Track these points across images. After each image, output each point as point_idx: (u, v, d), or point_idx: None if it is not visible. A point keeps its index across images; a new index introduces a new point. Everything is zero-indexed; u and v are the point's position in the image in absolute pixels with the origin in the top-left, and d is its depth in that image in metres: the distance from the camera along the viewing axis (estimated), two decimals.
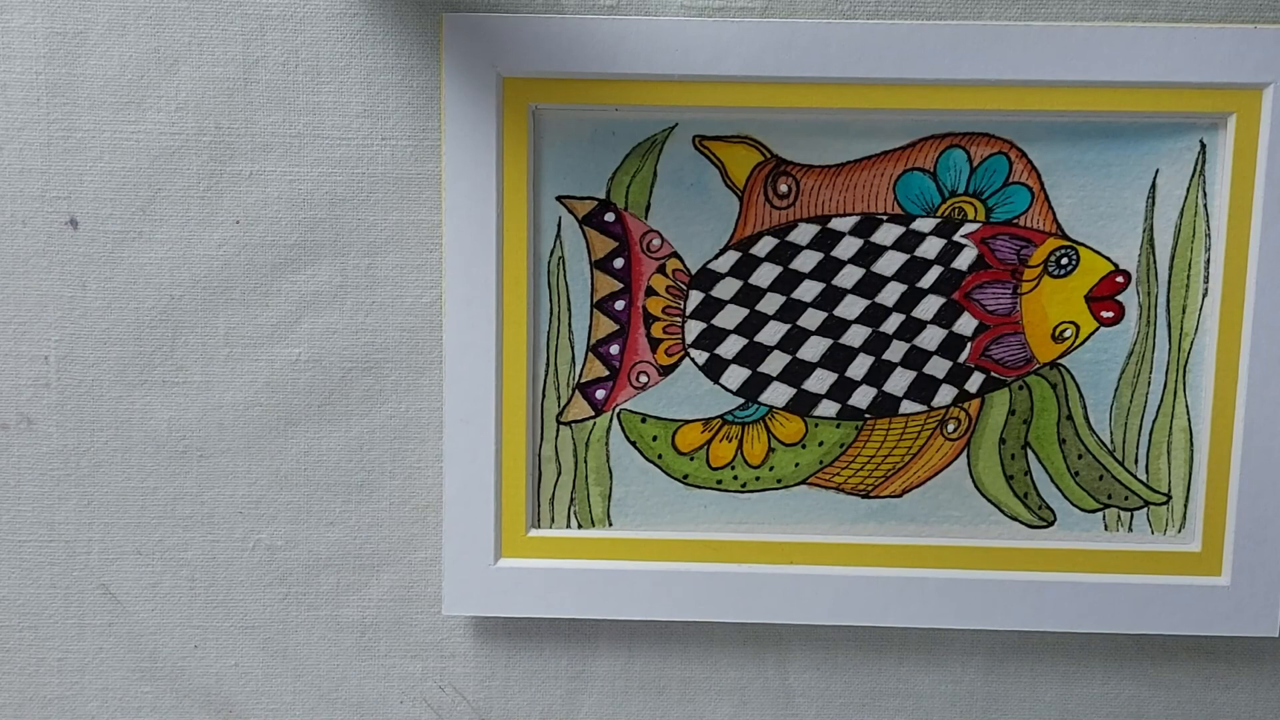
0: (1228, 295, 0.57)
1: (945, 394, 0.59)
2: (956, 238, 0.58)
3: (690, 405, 0.60)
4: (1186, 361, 0.58)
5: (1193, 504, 0.59)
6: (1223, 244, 0.57)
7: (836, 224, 0.58)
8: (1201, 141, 0.57)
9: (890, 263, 0.58)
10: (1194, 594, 0.59)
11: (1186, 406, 0.59)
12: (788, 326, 0.59)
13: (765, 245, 0.58)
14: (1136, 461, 0.59)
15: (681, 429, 0.60)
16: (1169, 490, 0.59)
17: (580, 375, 0.59)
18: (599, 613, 0.59)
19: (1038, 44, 0.55)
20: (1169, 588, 0.59)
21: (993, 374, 0.59)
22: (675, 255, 0.59)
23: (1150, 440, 0.59)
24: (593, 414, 0.60)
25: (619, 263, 0.59)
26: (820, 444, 0.60)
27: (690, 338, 0.59)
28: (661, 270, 0.59)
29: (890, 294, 0.58)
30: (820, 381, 0.59)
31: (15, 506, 0.61)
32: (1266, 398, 0.57)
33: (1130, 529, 0.60)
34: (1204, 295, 0.58)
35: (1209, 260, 0.58)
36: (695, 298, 0.59)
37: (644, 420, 0.60)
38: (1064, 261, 0.58)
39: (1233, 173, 0.57)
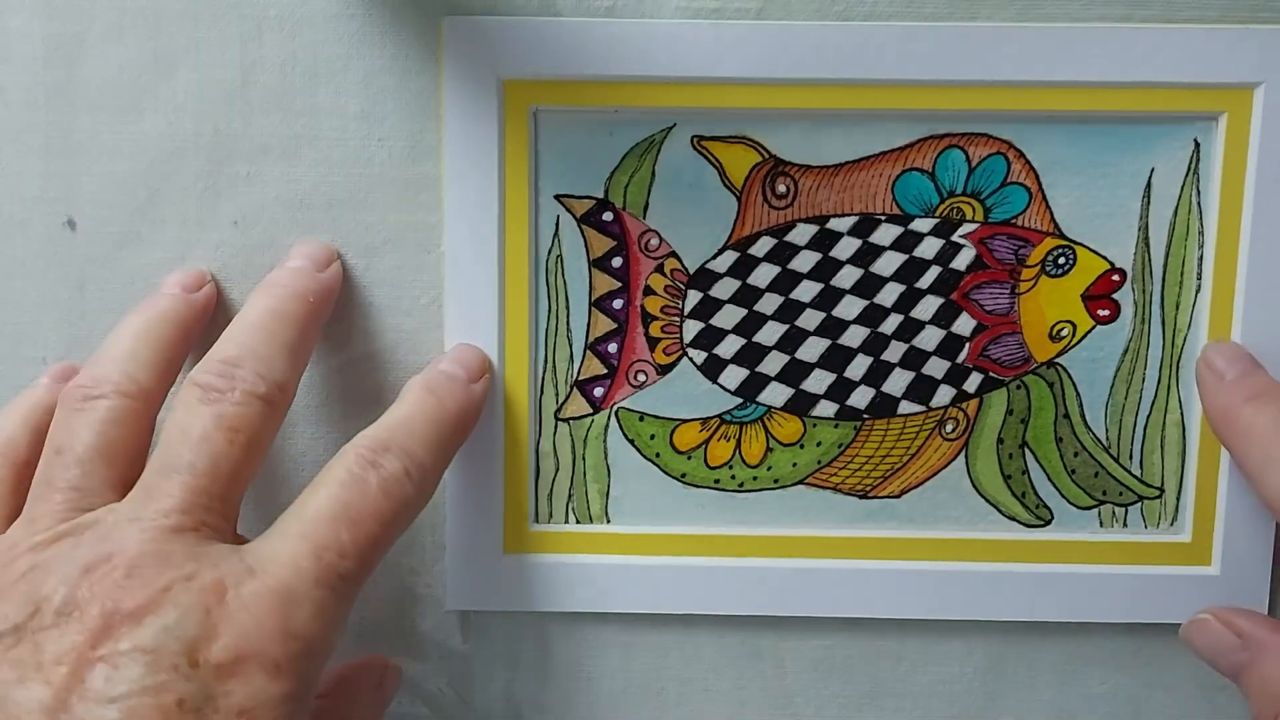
0: (1218, 291, 0.58)
1: (943, 394, 0.59)
2: (955, 238, 0.58)
3: (688, 404, 0.60)
4: (1180, 356, 0.59)
5: (1184, 496, 0.60)
6: (1214, 241, 0.57)
7: (835, 224, 0.58)
8: (1195, 140, 0.57)
9: (889, 263, 0.58)
10: (1185, 583, 0.59)
11: (1180, 401, 0.59)
12: (786, 326, 0.59)
13: (763, 245, 0.58)
14: (1131, 457, 0.60)
15: (679, 428, 0.60)
16: (1162, 484, 0.60)
17: (578, 373, 0.59)
18: (602, 606, 0.60)
19: (1035, 45, 0.55)
20: (1161, 578, 0.59)
21: (991, 374, 0.59)
22: (673, 255, 0.59)
23: (1145, 436, 0.60)
24: (591, 411, 0.60)
25: (617, 262, 0.59)
26: (818, 444, 0.60)
27: (688, 337, 0.59)
28: (660, 270, 0.59)
29: (889, 294, 0.59)
30: (819, 382, 0.59)
31: None
32: None
33: (1125, 524, 0.60)
34: (1197, 291, 0.58)
35: (1202, 257, 0.58)
36: (693, 297, 0.59)
37: (642, 419, 0.60)
38: (1061, 261, 0.58)
39: (1223, 171, 0.57)
